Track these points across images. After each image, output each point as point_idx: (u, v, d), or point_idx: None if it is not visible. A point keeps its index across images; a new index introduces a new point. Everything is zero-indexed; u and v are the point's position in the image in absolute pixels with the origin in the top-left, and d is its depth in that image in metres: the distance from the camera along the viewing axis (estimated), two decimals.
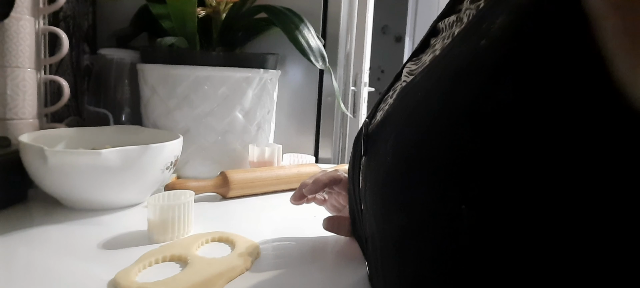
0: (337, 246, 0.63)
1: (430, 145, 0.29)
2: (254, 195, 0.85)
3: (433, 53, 0.38)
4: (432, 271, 0.28)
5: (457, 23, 0.37)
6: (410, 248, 0.31)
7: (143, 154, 0.69)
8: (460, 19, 0.36)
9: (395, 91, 0.43)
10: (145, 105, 0.93)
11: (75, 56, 1.08)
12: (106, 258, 0.54)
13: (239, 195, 0.83)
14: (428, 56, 0.40)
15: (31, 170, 0.68)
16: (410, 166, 0.31)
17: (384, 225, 0.36)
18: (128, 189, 0.71)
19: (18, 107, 0.78)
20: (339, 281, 0.53)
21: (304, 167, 0.92)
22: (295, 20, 0.90)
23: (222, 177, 0.81)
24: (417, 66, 0.41)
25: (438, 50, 0.37)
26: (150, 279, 0.49)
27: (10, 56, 0.77)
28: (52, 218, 0.67)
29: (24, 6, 0.78)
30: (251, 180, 0.83)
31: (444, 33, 0.40)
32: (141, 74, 0.92)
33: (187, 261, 0.53)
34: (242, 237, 0.61)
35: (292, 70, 1.14)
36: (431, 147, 0.29)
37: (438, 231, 0.28)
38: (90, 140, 0.82)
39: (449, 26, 0.39)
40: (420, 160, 0.30)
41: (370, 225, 0.41)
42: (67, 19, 1.03)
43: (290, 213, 0.75)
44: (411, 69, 0.43)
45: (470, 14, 0.34)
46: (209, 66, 0.87)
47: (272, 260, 0.57)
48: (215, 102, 0.88)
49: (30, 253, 0.55)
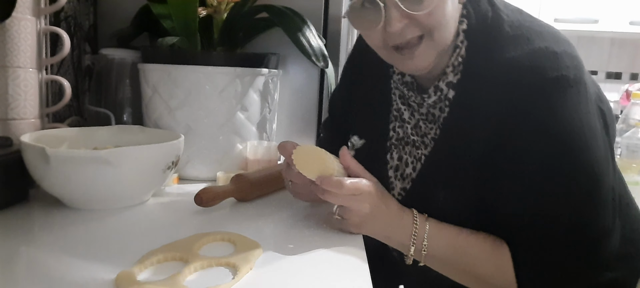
0: (338, 245, 0.63)
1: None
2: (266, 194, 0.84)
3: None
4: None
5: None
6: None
7: (144, 154, 0.69)
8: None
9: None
10: (146, 105, 0.93)
11: (76, 56, 1.08)
12: (107, 258, 0.54)
13: (257, 196, 0.82)
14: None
15: (32, 170, 0.68)
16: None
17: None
18: (129, 189, 0.71)
19: (19, 107, 0.78)
20: (339, 280, 0.53)
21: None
22: (296, 20, 0.90)
23: (242, 180, 0.79)
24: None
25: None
26: (151, 279, 0.49)
27: (12, 56, 0.77)
28: (53, 218, 0.67)
29: (25, 6, 0.78)
30: (267, 179, 0.83)
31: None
32: (142, 73, 0.92)
33: (188, 261, 0.53)
34: (243, 236, 0.61)
35: (293, 70, 1.14)
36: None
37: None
38: (91, 140, 0.82)
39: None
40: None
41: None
42: (68, 19, 1.03)
43: (291, 213, 0.75)
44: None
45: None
46: (210, 66, 0.87)
47: (274, 260, 0.57)
48: (216, 102, 0.88)
49: (31, 252, 0.55)
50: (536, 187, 0.60)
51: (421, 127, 0.72)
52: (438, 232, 0.64)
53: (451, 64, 0.67)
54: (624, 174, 1.24)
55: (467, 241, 0.64)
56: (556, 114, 0.59)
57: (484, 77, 0.63)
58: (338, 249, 0.62)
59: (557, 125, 0.59)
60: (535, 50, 0.61)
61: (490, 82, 0.62)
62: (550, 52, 0.60)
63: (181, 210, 0.74)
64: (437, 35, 0.62)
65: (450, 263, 0.65)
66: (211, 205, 0.73)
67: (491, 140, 0.62)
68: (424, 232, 0.63)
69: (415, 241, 0.63)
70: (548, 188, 0.60)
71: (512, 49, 0.62)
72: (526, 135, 0.60)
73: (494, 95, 0.62)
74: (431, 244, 0.63)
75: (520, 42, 0.62)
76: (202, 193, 0.72)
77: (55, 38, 0.91)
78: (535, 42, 0.61)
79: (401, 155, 0.75)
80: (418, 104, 0.72)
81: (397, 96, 0.76)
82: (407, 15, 0.60)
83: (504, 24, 0.64)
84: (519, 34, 0.63)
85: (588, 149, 0.60)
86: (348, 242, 0.64)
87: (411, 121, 0.74)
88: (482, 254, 0.63)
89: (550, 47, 0.61)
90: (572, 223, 0.60)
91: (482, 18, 0.66)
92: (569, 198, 0.60)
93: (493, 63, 0.63)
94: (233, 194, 0.77)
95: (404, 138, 0.75)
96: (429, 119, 0.71)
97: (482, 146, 0.63)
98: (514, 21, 0.64)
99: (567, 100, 0.59)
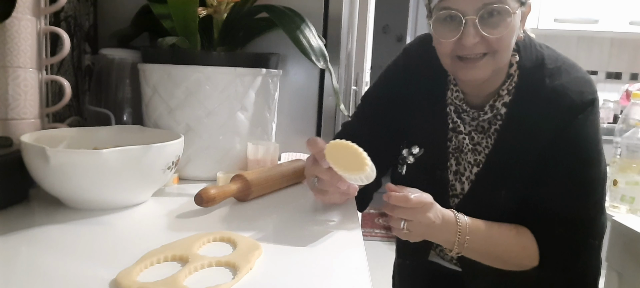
0: (338, 245, 0.63)
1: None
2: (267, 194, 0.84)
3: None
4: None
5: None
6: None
7: (144, 154, 0.69)
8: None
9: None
10: (146, 105, 0.93)
11: (76, 56, 1.08)
12: (107, 258, 0.55)
13: (257, 196, 0.82)
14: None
15: (32, 170, 0.68)
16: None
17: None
18: (129, 189, 0.71)
19: (19, 107, 0.78)
20: (339, 280, 0.53)
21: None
22: (297, 20, 0.90)
23: (242, 180, 0.79)
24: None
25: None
26: (151, 279, 0.49)
27: (12, 56, 0.77)
28: (54, 218, 0.67)
29: (25, 6, 0.78)
30: (266, 179, 0.83)
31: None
32: (142, 73, 0.92)
33: (188, 261, 0.53)
34: (243, 236, 0.61)
35: (293, 70, 1.14)
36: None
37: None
38: (91, 140, 0.82)
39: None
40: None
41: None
42: (68, 18, 1.03)
43: (291, 213, 0.75)
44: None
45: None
46: (210, 66, 0.87)
47: (274, 260, 0.57)
48: (217, 102, 0.88)
49: (31, 252, 0.55)
50: (567, 186, 0.79)
51: (474, 138, 0.87)
52: (475, 228, 0.78)
53: (506, 88, 0.83)
54: (624, 174, 1.24)
55: (498, 231, 0.79)
56: (588, 128, 0.78)
57: (534, 98, 0.80)
58: (338, 249, 0.62)
59: (587, 138, 0.79)
60: (577, 78, 0.80)
61: (540, 102, 0.79)
62: (586, 79, 0.80)
63: (181, 210, 0.74)
64: (498, 56, 0.76)
65: (485, 252, 0.80)
66: (211, 205, 0.73)
67: (540, 148, 0.79)
68: (466, 229, 0.76)
69: (459, 238, 0.76)
70: (573, 186, 0.79)
71: (557, 77, 0.79)
72: (565, 145, 0.78)
73: (544, 112, 0.79)
74: (471, 238, 0.77)
75: (562, 72, 0.80)
76: (202, 193, 0.72)
77: (55, 38, 0.91)
78: (572, 72, 0.80)
79: (459, 161, 0.89)
80: (472, 118, 0.86)
81: (453, 111, 0.88)
82: (481, 35, 0.73)
83: (545, 58, 0.82)
84: (559, 66, 0.81)
85: (600, 157, 0.80)
86: (348, 242, 0.64)
87: (464, 131, 0.87)
88: (510, 240, 0.80)
89: (585, 76, 0.81)
90: (580, 211, 0.80)
91: (529, 52, 0.83)
92: (581, 195, 0.79)
93: (544, 88, 0.79)
94: (233, 194, 0.77)
95: (460, 147, 0.88)
96: (479, 131, 0.86)
97: (532, 153, 0.79)
98: (551, 56, 0.82)
99: (595, 117, 0.79)
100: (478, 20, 0.72)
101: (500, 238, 0.79)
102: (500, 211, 0.83)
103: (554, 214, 0.79)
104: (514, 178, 0.82)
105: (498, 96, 0.83)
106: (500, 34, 0.74)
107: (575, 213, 0.79)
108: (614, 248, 1.13)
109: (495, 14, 0.73)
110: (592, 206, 0.81)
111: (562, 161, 0.79)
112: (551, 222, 0.80)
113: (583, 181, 0.79)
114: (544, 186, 0.80)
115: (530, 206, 0.81)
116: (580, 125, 0.77)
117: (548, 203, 0.80)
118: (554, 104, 0.78)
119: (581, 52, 3.02)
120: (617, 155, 1.27)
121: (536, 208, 0.81)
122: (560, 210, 0.79)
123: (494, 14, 0.73)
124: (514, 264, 0.81)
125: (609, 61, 3.03)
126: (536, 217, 0.81)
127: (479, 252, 0.80)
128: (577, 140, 0.78)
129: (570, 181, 0.79)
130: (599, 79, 3.05)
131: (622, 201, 1.24)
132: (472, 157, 0.87)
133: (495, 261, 0.82)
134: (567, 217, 0.79)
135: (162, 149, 0.71)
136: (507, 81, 0.82)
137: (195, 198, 0.72)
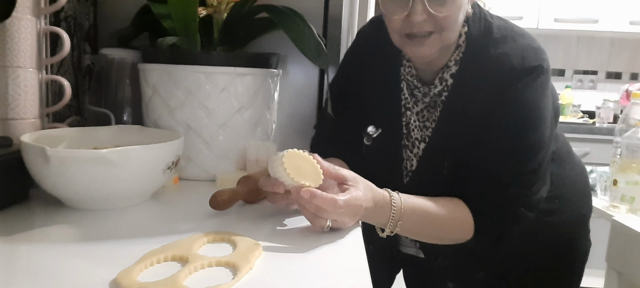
0: (338, 245, 0.63)
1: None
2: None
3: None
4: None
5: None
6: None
7: (144, 154, 0.69)
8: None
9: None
10: (146, 104, 0.93)
11: (76, 56, 1.08)
12: (107, 258, 0.55)
13: (262, 199, 0.81)
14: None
15: (32, 169, 0.68)
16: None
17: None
18: (129, 189, 0.71)
19: (19, 107, 0.78)
20: (339, 280, 0.53)
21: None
22: (297, 20, 0.90)
23: (249, 182, 0.78)
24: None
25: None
26: (151, 279, 0.49)
27: (12, 56, 0.77)
28: (53, 217, 0.67)
29: (25, 6, 0.78)
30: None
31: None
32: (142, 73, 0.92)
33: (188, 261, 0.53)
34: (243, 236, 0.61)
35: (293, 70, 1.14)
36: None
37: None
38: (91, 140, 0.82)
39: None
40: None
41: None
42: (68, 18, 1.03)
43: (291, 212, 0.75)
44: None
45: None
46: (210, 66, 0.87)
47: (274, 260, 0.57)
48: (217, 102, 0.88)
49: (31, 252, 0.55)
50: (499, 150, 0.78)
51: (425, 114, 0.86)
52: (410, 209, 0.74)
53: (453, 59, 0.82)
54: (624, 174, 1.24)
55: (435, 208, 0.77)
56: (528, 93, 0.77)
57: (478, 67, 0.80)
58: (338, 249, 0.62)
59: (526, 103, 0.77)
60: (522, 46, 0.79)
61: (483, 71, 0.79)
62: (532, 47, 0.79)
63: (181, 210, 0.74)
64: (445, 34, 0.76)
65: (419, 231, 0.79)
66: (226, 207, 0.72)
67: (479, 115, 0.78)
68: (400, 212, 0.73)
69: (392, 221, 0.73)
70: (508, 149, 0.78)
71: (501, 45, 0.79)
72: (502, 109, 0.77)
73: (485, 80, 0.78)
74: (405, 220, 0.74)
75: (507, 41, 0.79)
76: (218, 196, 0.71)
77: (55, 38, 0.91)
78: (519, 40, 0.80)
79: (409, 138, 0.89)
80: (423, 94, 0.85)
81: (405, 88, 0.88)
82: (428, 12, 0.73)
83: (493, 27, 0.81)
84: (505, 35, 0.80)
85: (540, 123, 0.79)
86: (348, 242, 0.65)
87: (415, 108, 0.87)
88: (447, 214, 0.78)
89: (532, 44, 0.80)
90: (515, 177, 0.78)
91: (478, 23, 0.82)
92: (516, 159, 0.78)
93: (487, 56, 0.79)
94: (243, 196, 0.77)
95: (411, 123, 0.88)
96: (431, 106, 0.85)
97: (473, 122, 0.79)
98: (500, 25, 0.82)
99: (537, 83, 0.77)
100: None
101: (437, 216, 0.77)
102: (445, 185, 0.82)
103: (488, 177, 0.78)
104: (457, 148, 0.81)
105: (446, 67, 0.83)
106: (448, 12, 0.73)
107: (508, 178, 0.78)
108: (614, 248, 1.13)
109: None
110: (529, 173, 0.79)
111: (498, 124, 0.78)
112: (484, 186, 0.78)
113: (519, 145, 0.78)
114: (480, 148, 0.79)
115: (466, 171, 0.80)
116: (519, 90, 0.76)
117: (482, 165, 0.79)
118: (495, 70, 0.78)
119: (581, 52, 3.02)
120: (617, 155, 1.27)
121: (471, 172, 0.80)
122: (493, 173, 0.78)
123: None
124: (450, 239, 0.81)
125: (609, 61, 3.03)
126: (471, 181, 0.80)
127: (413, 232, 0.79)
128: (515, 103, 0.77)
129: (506, 143, 0.78)
130: (599, 78, 3.05)
131: (622, 201, 1.24)
132: (419, 133, 0.87)
133: (430, 238, 0.82)
134: (500, 181, 0.78)
135: (162, 149, 0.71)
136: (455, 52, 0.82)
137: (211, 201, 0.71)
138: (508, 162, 0.78)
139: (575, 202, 0.94)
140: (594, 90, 3.04)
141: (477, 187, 0.79)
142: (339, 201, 0.63)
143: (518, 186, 0.78)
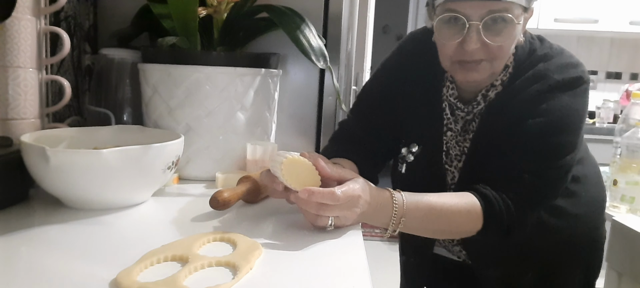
0: (338, 245, 0.63)
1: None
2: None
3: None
4: None
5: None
6: None
7: (144, 154, 0.69)
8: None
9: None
10: (146, 105, 0.93)
11: (76, 56, 1.08)
12: (107, 258, 0.55)
13: (263, 199, 0.81)
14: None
15: (32, 170, 0.68)
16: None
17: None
18: (129, 189, 0.71)
19: (19, 107, 0.78)
20: (339, 280, 0.53)
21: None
22: (297, 20, 0.90)
23: (250, 182, 0.78)
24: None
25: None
26: (151, 279, 0.49)
27: (12, 56, 0.77)
28: (53, 218, 0.67)
29: (25, 6, 0.78)
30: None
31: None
32: (142, 73, 0.92)
33: (188, 261, 0.53)
34: (243, 236, 0.61)
35: (293, 70, 1.14)
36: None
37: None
38: (91, 140, 0.82)
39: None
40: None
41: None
42: (68, 18, 1.03)
43: (291, 213, 0.75)
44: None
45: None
46: (210, 66, 0.87)
47: (274, 260, 0.57)
48: (217, 102, 0.88)
49: (31, 252, 0.55)
50: (531, 142, 0.79)
51: (464, 127, 0.89)
52: (414, 207, 0.73)
53: (500, 79, 0.85)
54: (624, 174, 1.24)
55: (440, 202, 0.76)
56: (565, 98, 0.79)
57: (521, 82, 0.82)
58: (338, 249, 0.62)
59: (563, 106, 0.79)
60: (562, 61, 0.82)
61: (523, 84, 0.81)
62: (572, 62, 0.82)
63: (181, 210, 0.74)
64: (496, 63, 0.79)
65: (424, 228, 0.78)
66: (227, 207, 0.72)
67: (517, 121, 0.79)
68: (402, 210, 0.72)
69: (394, 220, 0.72)
70: (538, 143, 0.79)
71: (544, 62, 0.82)
72: (540, 111, 0.78)
73: (527, 91, 0.80)
74: (408, 218, 0.73)
75: (548, 58, 0.83)
76: (218, 196, 0.71)
77: (55, 38, 0.91)
78: (559, 58, 0.83)
79: (449, 153, 0.91)
80: (466, 112, 0.88)
81: (447, 108, 0.90)
82: (482, 41, 0.75)
83: (536, 46, 0.85)
84: (546, 53, 0.83)
85: (575, 127, 0.81)
86: (348, 242, 0.64)
87: (456, 127, 0.89)
88: (453, 208, 0.76)
89: (571, 60, 0.83)
90: (540, 170, 0.79)
91: (524, 45, 0.84)
92: (546, 154, 0.79)
93: (530, 72, 0.82)
94: (243, 196, 0.77)
95: (451, 141, 0.90)
96: (469, 121, 0.88)
97: (511, 127, 0.80)
98: (543, 45, 0.85)
99: (577, 91, 0.80)
100: (482, 26, 0.73)
101: (442, 209, 0.76)
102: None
103: (513, 165, 0.79)
104: (495, 154, 0.82)
105: (492, 87, 0.85)
106: (502, 42, 0.75)
107: (533, 168, 0.78)
108: (614, 248, 1.13)
109: (499, 21, 0.74)
110: (555, 168, 0.80)
111: (535, 122, 0.78)
112: (506, 171, 0.79)
113: (552, 142, 0.79)
114: (513, 139, 0.80)
115: (490, 160, 0.82)
116: (558, 96, 0.79)
117: (510, 154, 0.79)
118: (536, 82, 0.80)
119: (581, 52, 3.02)
120: (617, 155, 1.27)
121: (495, 159, 0.81)
122: (519, 161, 0.79)
123: (498, 22, 0.74)
124: (458, 232, 0.80)
125: (609, 61, 3.03)
126: (493, 167, 0.80)
127: (419, 228, 0.78)
128: (553, 108, 0.79)
129: (539, 139, 0.79)
130: (599, 79, 3.05)
131: (622, 201, 1.24)
132: (459, 148, 0.89)
133: (436, 234, 0.83)
134: (531, 170, 0.78)
135: (162, 149, 0.71)
136: (502, 72, 0.84)
137: (211, 202, 0.71)
138: (537, 155, 0.79)
139: (595, 195, 0.96)
140: (594, 90, 3.04)
141: (499, 171, 0.79)
142: (337, 192, 0.64)
143: (539, 179, 0.78)
